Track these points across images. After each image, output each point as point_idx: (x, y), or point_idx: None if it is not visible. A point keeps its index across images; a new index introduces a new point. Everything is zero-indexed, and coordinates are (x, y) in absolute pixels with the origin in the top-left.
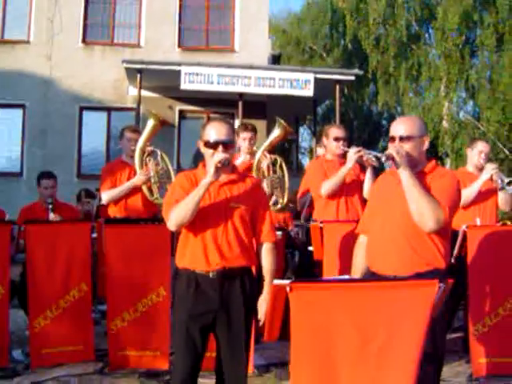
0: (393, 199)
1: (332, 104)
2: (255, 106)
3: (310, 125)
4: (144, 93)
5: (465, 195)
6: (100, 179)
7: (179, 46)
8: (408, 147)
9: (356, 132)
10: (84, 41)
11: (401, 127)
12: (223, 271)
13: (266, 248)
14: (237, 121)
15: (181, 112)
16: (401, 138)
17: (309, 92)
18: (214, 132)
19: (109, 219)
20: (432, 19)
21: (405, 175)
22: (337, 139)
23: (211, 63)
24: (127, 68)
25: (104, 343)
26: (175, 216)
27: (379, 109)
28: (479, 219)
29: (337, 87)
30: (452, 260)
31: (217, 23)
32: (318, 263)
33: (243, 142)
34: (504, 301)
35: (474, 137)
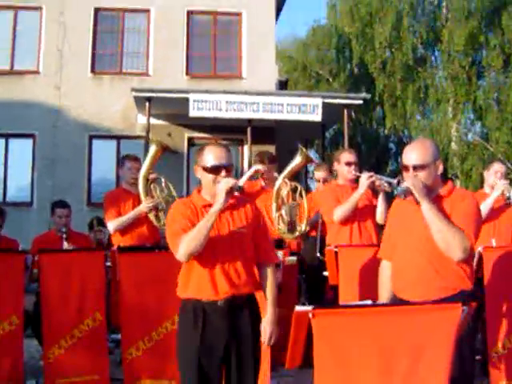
0: (413, 225)
1: (340, 128)
2: (264, 132)
3: (318, 149)
4: (153, 121)
5: None
6: (103, 208)
7: (187, 74)
8: (422, 175)
9: (364, 156)
10: (93, 70)
11: (413, 155)
12: (232, 299)
13: (269, 269)
14: (246, 147)
15: (190, 139)
16: (414, 168)
17: (317, 117)
18: (214, 156)
19: (122, 247)
20: (438, 42)
21: (426, 207)
22: (348, 164)
23: (219, 90)
24: (136, 96)
25: (118, 372)
26: (186, 247)
27: (387, 132)
28: (494, 239)
29: (345, 111)
30: None
31: (224, 50)
32: (334, 288)
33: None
34: None
35: (484, 158)
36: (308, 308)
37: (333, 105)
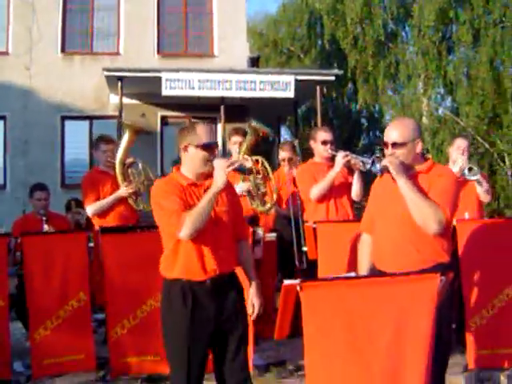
0: (391, 201)
1: (312, 104)
2: (237, 110)
3: (291, 126)
4: (125, 100)
5: None
6: (82, 191)
7: (158, 52)
8: (401, 152)
9: (336, 131)
10: (63, 50)
11: (393, 133)
12: (218, 278)
13: (246, 245)
14: (219, 125)
15: (163, 118)
16: (393, 144)
17: (290, 94)
18: (207, 135)
19: (105, 228)
20: (408, 17)
21: (401, 182)
22: (324, 142)
23: (191, 68)
24: (107, 76)
25: (102, 351)
26: (192, 226)
27: (358, 107)
28: (467, 213)
29: (317, 88)
30: None
31: (195, 28)
32: (312, 263)
33: (234, 146)
34: (498, 293)
35: (455, 132)
36: (296, 281)
37: (305, 81)
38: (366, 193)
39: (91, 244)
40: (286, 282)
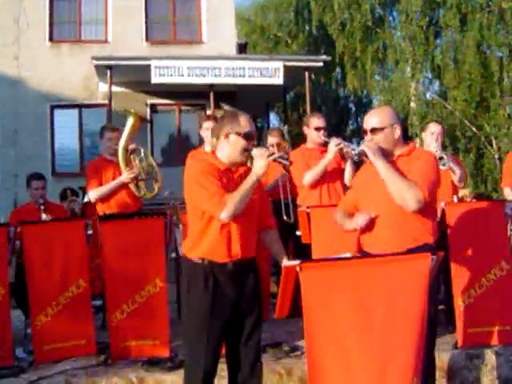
0: (373, 185)
1: (300, 90)
2: (226, 96)
3: (279, 112)
4: (114, 88)
5: None
6: (86, 177)
7: (147, 40)
8: (379, 137)
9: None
10: (51, 39)
11: (371, 120)
12: (239, 262)
13: (275, 232)
14: (208, 111)
15: (152, 106)
16: (371, 130)
17: (278, 80)
18: (249, 124)
19: (103, 216)
20: (395, 2)
21: (379, 165)
22: (317, 129)
23: (180, 56)
24: (96, 65)
25: (101, 336)
26: (234, 209)
27: (347, 93)
28: (456, 196)
29: (306, 74)
30: None
31: (183, 15)
32: (306, 246)
33: (205, 132)
34: (486, 272)
35: (443, 116)
36: (296, 262)
37: (294, 68)
38: None
39: (90, 231)
40: (286, 263)
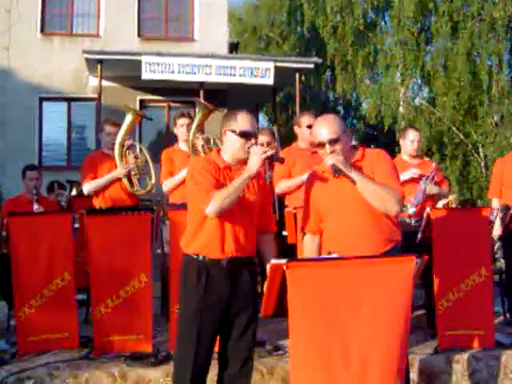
0: (343, 197)
1: (290, 91)
2: (216, 95)
3: (268, 112)
4: (104, 83)
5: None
6: (82, 170)
7: (139, 36)
8: (339, 147)
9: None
10: (42, 31)
11: (324, 131)
12: (233, 259)
13: (270, 238)
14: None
15: (142, 102)
16: (330, 142)
17: (269, 80)
18: (247, 123)
19: (90, 210)
20: (388, 8)
21: (355, 176)
22: (309, 127)
23: (171, 53)
24: (87, 58)
25: (85, 330)
26: (220, 204)
27: (336, 95)
28: (441, 202)
29: (296, 75)
30: (417, 241)
31: (176, 12)
32: (291, 247)
33: (180, 129)
34: (465, 277)
35: (431, 122)
36: (283, 261)
37: (285, 68)
38: None
39: (76, 225)
40: (273, 262)
